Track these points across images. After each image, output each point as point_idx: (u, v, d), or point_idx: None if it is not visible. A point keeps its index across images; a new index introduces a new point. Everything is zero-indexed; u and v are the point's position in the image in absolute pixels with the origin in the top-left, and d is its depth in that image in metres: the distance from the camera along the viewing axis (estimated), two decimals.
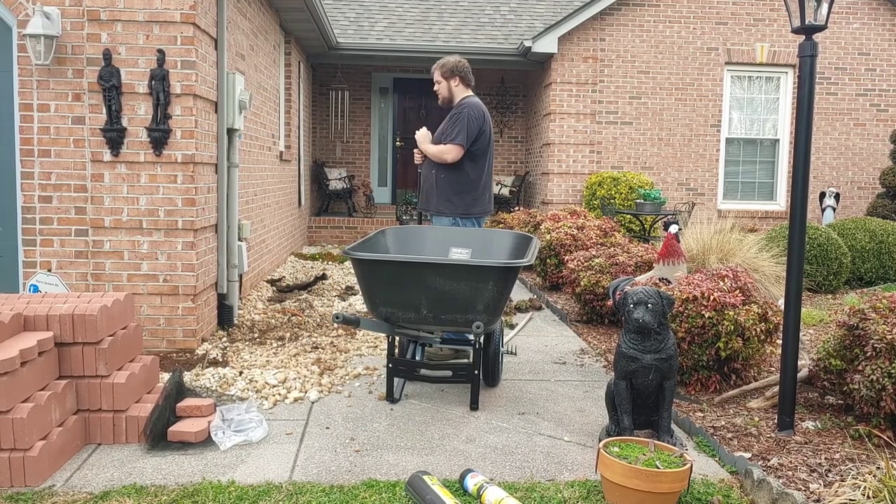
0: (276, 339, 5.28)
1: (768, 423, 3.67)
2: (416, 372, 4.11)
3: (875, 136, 11.37)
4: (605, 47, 10.90)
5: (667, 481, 2.72)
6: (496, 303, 3.73)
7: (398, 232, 4.74)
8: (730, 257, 6.29)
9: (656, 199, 8.89)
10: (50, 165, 4.80)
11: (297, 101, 10.11)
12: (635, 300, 3.30)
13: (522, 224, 9.06)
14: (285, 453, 3.29)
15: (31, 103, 4.75)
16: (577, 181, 11.03)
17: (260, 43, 7.29)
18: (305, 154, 11.18)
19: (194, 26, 4.78)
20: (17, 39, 4.72)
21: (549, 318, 6.32)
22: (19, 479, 2.93)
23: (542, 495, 2.88)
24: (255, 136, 7.06)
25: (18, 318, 3.21)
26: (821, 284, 7.33)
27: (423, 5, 12.74)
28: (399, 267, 3.72)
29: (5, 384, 2.88)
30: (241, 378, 4.24)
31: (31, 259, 4.85)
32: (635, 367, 3.30)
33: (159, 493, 2.87)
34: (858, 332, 3.60)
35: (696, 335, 4.11)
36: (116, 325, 3.49)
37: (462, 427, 3.66)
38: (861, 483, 2.65)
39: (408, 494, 2.86)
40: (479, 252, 4.66)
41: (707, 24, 10.95)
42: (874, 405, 3.43)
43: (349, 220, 11.66)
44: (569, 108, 10.94)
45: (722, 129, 11.17)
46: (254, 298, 6.68)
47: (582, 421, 3.78)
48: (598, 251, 6.31)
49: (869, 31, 11.19)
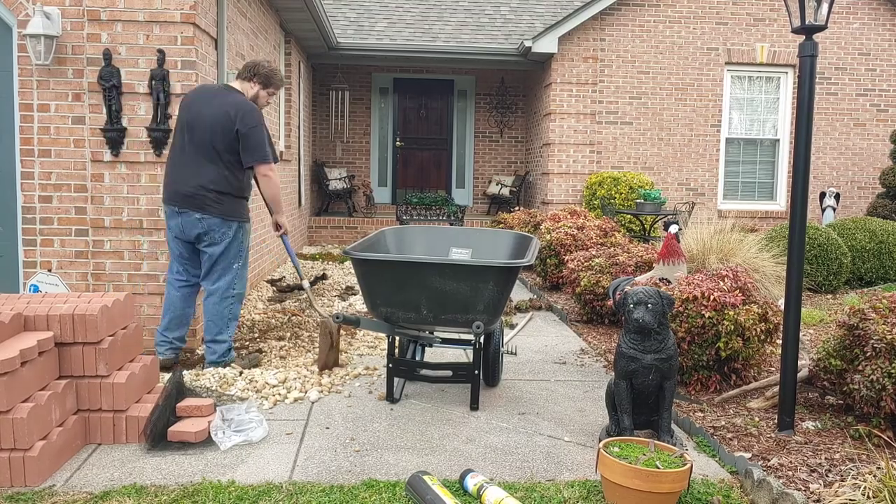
0: (277, 339, 5.28)
1: (768, 423, 3.67)
2: (416, 372, 4.11)
3: (875, 136, 11.37)
4: (605, 47, 10.90)
5: (667, 481, 2.72)
6: (496, 303, 3.74)
7: (398, 232, 4.74)
8: (730, 257, 6.29)
9: (656, 199, 8.89)
10: (50, 165, 4.80)
11: (297, 101, 10.11)
12: (635, 300, 3.30)
13: (522, 224, 9.06)
14: (285, 453, 3.29)
15: (32, 103, 4.75)
16: (577, 181, 11.03)
17: (260, 43, 7.29)
18: (305, 154, 11.18)
19: (194, 26, 4.78)
20: (18, 39, 4.72)
21: (549, 318, 6.32)
22: (19, 479, 2.93)
23: (542, 495, 2.88)
24: None
25: (19, 318, 3.21)
26: (821, 284, 7.33)
27: (423, 5, 12.74)
28: (399, 267, 3.72)
29: (5, 384, 2.88)
30: (241, 378, 4.24)
31: (31, 259, 4.85)
32: (635, 367, 3.30)
33: (159, 493, 2.87)
34: (858, 332, 3.60)
35: (697, 335, 4.11)
36: (117, 325, 3.49)
37: (462, 427, 3.66)
38: (861, 483, 2.65)
39: (408, 494, 2.86)
40: (479, 252, 4.66)
41: (707, 24, 10.95)
42: (874, 405, 3.43)
43: (349, 220, 11.66)
44: (569, 108, 10.94)
45: (722, 129, 11.17)
46: (254, 298, 6.68)
47: (582, 421, 3.78)
48: (599, 251, 6.32)
49: (869, 31, 11.19)
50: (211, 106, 4.30)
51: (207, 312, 4.42)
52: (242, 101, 4.37)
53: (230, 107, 4.29)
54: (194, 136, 4.28)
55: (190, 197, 4.29)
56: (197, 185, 4.28)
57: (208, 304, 4.42)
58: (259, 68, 4.52)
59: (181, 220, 4.32)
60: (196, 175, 4.28)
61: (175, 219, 4.34)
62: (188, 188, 4.28)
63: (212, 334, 4.42)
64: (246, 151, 4.31)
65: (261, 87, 4.52)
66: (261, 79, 4.51)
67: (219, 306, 4.39)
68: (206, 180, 4.28)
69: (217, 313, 4.40)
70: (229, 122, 4.26)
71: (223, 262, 4.39)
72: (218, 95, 4.39)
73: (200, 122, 4.28)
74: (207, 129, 4.27)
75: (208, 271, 4.41)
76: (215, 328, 4.41)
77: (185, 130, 4.32)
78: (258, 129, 4.32)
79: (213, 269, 4.39)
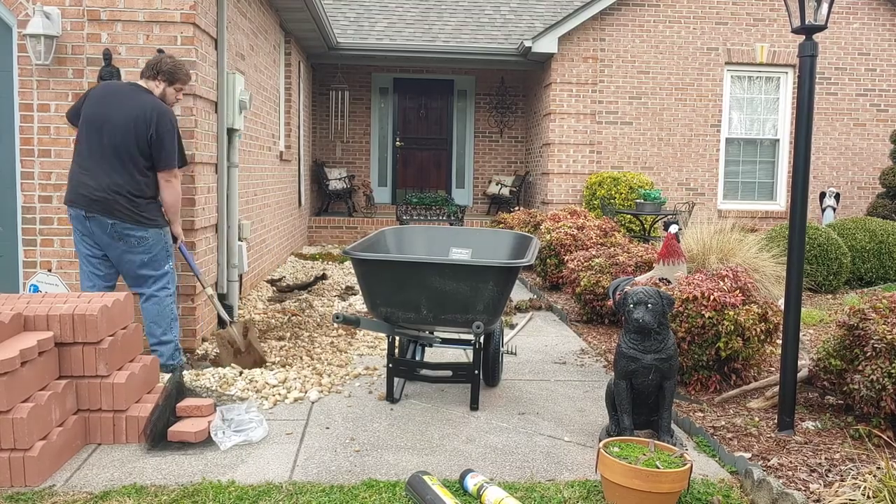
0: (277, 339, 5.28)
1: (768, 423, 3.67)
2: (416, 372, 4.11)
3: (875, 136, 11.37)
4: (605, 47, 10.90)
5: (667, 481, 2.72)
6: (496, 303, 3.74)
7: (398, 232, 4.74)
8: (730, 257, 6.29)
9: (656, 199, 8.89)
10: (50, 165, 4.80)
11: (297, 101, 10.11)
12: (635, 300, 3.30)
13: (522, 224, 9.06)
14: (285, 453, 3.29)
15: (32, 103, 4.75)
16: (577, 181, 11.03)
17: (260, 43, 7.29)
18: (305, 154, 11.18)
19: (194, 26, 4.78)
20: (18, 39, 4.72)
21: (549, 318, 6.32)
22: (19, 479, 2.93)
23: (542, 495, 2.88)
24: (255, 136, 7.06)
25: (18, 318, 3.21)
26: (821, 284, 7.33)
27: (423, 5, 12.74)
28: (399, 267, 3.72)
29: (5, 384, 2.88)
30: (241, 378, 4.24)
31: (31, 259, 4.85)
32: (635, 367, 3.30)
33: (159, 493, 2.87)
34: (858, 332, 3.60)
35: (696, 335, 4.11)
36: (117, 324, 3.49)
37: (462, 427, 3.66)
38: (861, 483, 2.65)
39: (408, 494, 2.86)
40: (479, 252, 4.66)
41: (707, 24, 10.96)
42: (874, 405, 3.43)
43: (349, 220, 11.66)
44: (569, 108, 10.94)
45: (722, 129, 11.17)
46: (254, 298, 6.68)
47: (582, 421, 3.78)
48: (598, 251, 6.32)
49: (869, 31, 11.19)
50: (124, 107, 4.14)
51: (149, 315, 4.27)
52: (156, 103, 4.22)
53: (145, 109, 4.15)
54: (104, 138, 4.11)
55: (100, 202, 4.10)
56: (108, 189, 4.10)
57: (149, 307, 4.28)
58: (162, 65, 4.31)
59: (90, 225, 4.14)
60: (107, 178, 4.10)
61: (82, 222, 4.16)
62: (99, 192, 4.10)
63: (156, 336, 4.29)
64: (157, 154, 4.18)
65: (166, 84, 4.32)
66: (165, 76, 4.31)
67: (159, 306, 4.27)
68: (117, 184, 4.11)
69: (158, 314, 4.27)
70: (143, 125, 4.12)
71: (152, 265, 4.25)
72: (130, 96, 4.22)
73: (113, 122, 4.11)
74: (121, 132, 4.11)
75: (138, 277, 4.26)
76: (159, 329, 4.29)
77: (95, 130, 4.13)
78: (173, 133, 4.21)
79: (143, 275, 4.25)
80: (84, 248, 4.25)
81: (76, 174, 4.19)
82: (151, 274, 4.27)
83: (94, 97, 4.22)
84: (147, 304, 4.29)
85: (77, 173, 4.19)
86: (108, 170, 4.12)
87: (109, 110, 4.15)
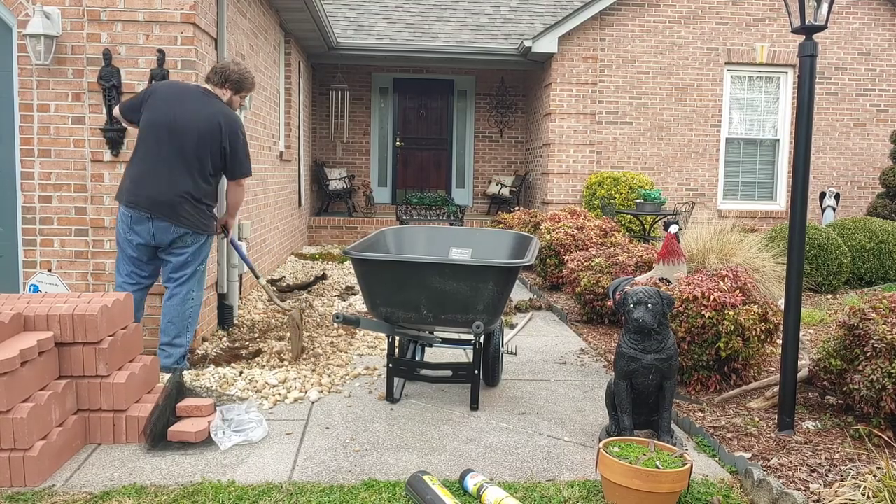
0: (277, 339, 5.28)
1: (768, 423, 3.67)
2: (416, 372, 4.11)
3: (875, 136, 11.37)
4: (605, 47, 10.90)
5: (667, 481, 2.72)
6: (496, 303, 3.74)
7: (398, 232, 4.74)
8: (730, 257, 6.29)
9: (656, 199, 8.89)
10: (50, 165, 4.80)
11: (297, 101, 10.11)
12: (635, 300, 3.30)
13: (522, 224, 9.06)
14: (285, 453, 3.29)
15: (31, 103, 4.75)
16: (577, 181, 11.03)
17: (260, 43, 7.29)
18: (305, 154, 11.18)
19: (194, 26, 4.78)
20: (18, 39, 4.72)
21: (549, 318, 6.32)
22: (19, 479, 2.93)
23: (542, 495, 2.88)
24: (255, 136, 7.05)
25: (18, 318, 3.21)
26: (821, 284, 7.33)
27: (423, 5, 12.74)
28: (399, 267, 3.72)
29: (5, 384, 2.88)
30: (241, 378, 4.24)
31: (31, 259, 4.85)
32: (635, 367, 3.30)
33: (159, 493, 2.87)
34: (858, 332, 3.60)
35: (696, 335, 4.11)
36: (117, 325, 3.49)
37: (462, 427, 3.66)
38: (861, 483, 2.65)
39: (408, 494, 2.86)
40: (479, 252, 4.66)
41: (707, 24, 10.95)
42: (874, 405, 3.43)
43: (349, 220, 11.66)
44: (569, 108, 10.94)
45: (722, 129, 11.17)
46: (254, 298, 6.68)
47: (582, 421, 3.78)
48: (598, 251, 6.32)
49: (869, 31, 11.19)
50: (194, 112, 4.14)
51: (169, 313, 4.28)
52: (229, 112, 4.26)
53: (219, 119, 4.17)
54: (174, 141, 4.10)
55: (166, 204, 4.11)
56: (175, 193, 4.11)
57: (171, 305, 4.28)
58: (230, 73, 4.32)
59: (152, 227, 4.14)
60: (174, 182, 4.11)
61: (144, 224, 4.14)
62: (166, 196, 4.11)
63: (170, 336, 4.28)
64: (233, 165, 4.26)
65: (233, 92, 4.35)
66: (233, 85, 4.33)
67: (181, 307, 4.28)
68: (185, 189, 4.13)
69: (179, 314, 4.28)
70: (218, 134, 4.15)
71: (191, 265, 4.29)
72: (202, 101, 4.23)
73: (184, 127, 4.11)
74: (192, 138, 4.11)
75: (174, 272, 4.27)
76: (174, 329, 4.28)
77: (163, 132, 4.11)
78: (245, 143, 4.28)
79: (180, 271, 4.27)
80: (131, 251, 4.23)
81: (139, 174, 4.14)
82: (189, 272, 4.32)
83: (161, 97, 4.18)
84: (170, 301, 4.31)
85: (140, 174, 4.15)
86: (176, 174, 4.12)
87: (180, 114, 4.13)
